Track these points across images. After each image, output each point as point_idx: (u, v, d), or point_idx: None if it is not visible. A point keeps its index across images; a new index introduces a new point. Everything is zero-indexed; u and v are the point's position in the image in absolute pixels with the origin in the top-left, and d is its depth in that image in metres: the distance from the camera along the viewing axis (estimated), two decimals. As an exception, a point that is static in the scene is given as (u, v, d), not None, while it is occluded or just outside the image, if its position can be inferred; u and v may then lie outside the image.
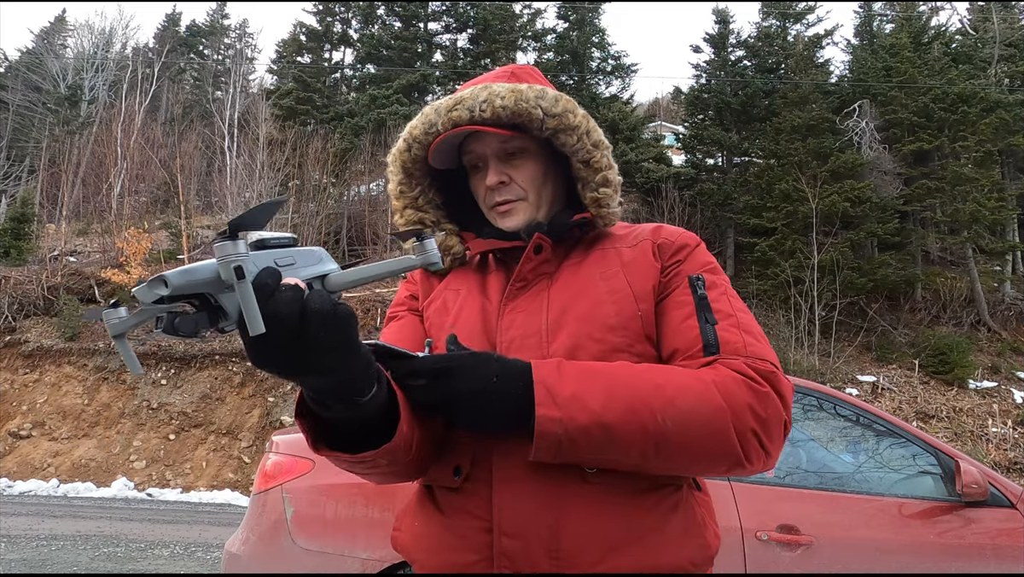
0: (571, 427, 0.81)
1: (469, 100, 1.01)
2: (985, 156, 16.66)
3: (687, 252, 1.03)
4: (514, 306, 0.99)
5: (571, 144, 1.02)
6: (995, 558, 2.60)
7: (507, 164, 1.05)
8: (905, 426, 3.02)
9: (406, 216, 1.11)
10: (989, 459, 12.18)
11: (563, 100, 1.02)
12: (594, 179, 1.04)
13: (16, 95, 28.33)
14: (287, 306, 0.62)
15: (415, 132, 1.06)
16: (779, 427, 0.86)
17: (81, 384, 13.73)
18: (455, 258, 1.10)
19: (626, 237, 1.07)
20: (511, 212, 1.05)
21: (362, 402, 0.76)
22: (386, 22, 24.51)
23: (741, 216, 18.40)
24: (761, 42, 21.56)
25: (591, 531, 0.85)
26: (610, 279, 0.99)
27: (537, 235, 1.01)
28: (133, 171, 22.03)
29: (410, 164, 1.09)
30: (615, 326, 0.94)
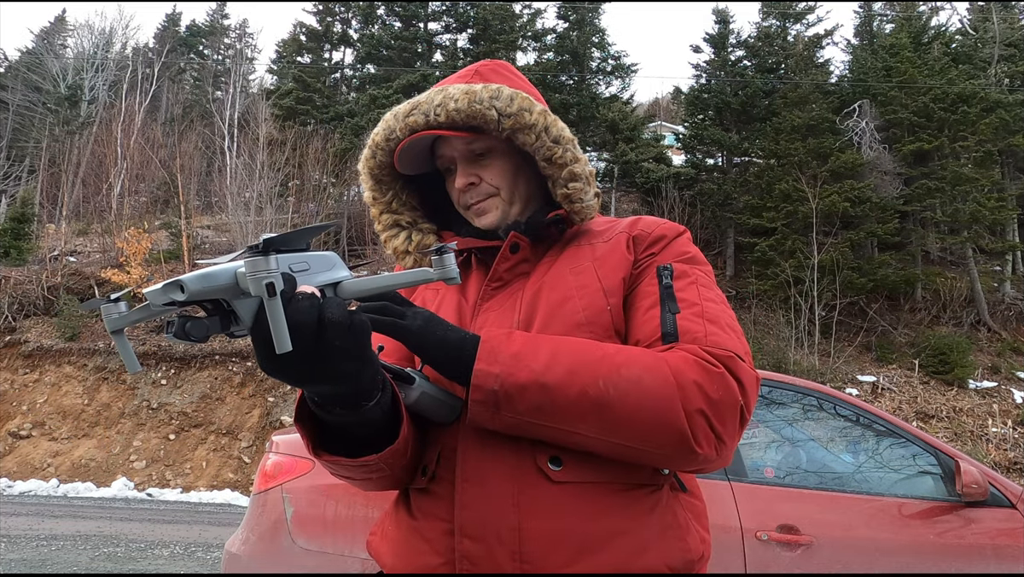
0: (508, 382, 0.80)
1: (425, 104, 1.01)
2: (985, 156, 16.66)
3: (663, 244, 1.00)
4: (488, 306, 0.99)
5: (530, 143, 1.01)
6: (995, 558, 2.60)
7: (476, 165, 1.04)
8: (905, 426, 3.02)
9: (383, 221, 1.12)
10: (989, 459, 12.18)
11: (519, 98, 1.00)
12: (560, 175, 1.02)
13: (16, 95, 28.33)
14: (304, 315, 0.62)
15: (377, 139, 1.06)
16: (733, 412, 0.83)
17: (81, 384, 13.73)
18: None
19: (604, 232, 1.05)
20: (485, 210, 1.05)
21: (368, 407, 0.76)
22: (386, 22, 24.50)
23: (741, 216, 18.40)
24: (761, 42, 21.56)
25: (557, 533, 0.83)
26: (580, 274, 0.97)
27: (513, 234, 1.01)
28: (133, 171, 22.03)
29: (377, 170, 1.09)
30: (583, 322, 0.92)
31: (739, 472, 2.69)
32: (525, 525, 0.83)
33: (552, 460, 0.85)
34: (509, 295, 0.99)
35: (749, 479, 2.70)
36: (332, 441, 0.82)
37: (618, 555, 0.83)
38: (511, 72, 1.13)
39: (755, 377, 0.88)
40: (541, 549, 0.82)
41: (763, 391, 3.10)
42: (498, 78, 1.08)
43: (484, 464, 0.86)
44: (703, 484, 2.89)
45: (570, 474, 0.85)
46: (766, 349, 15.10)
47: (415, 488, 0.93)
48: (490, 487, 0.85)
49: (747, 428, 2.83)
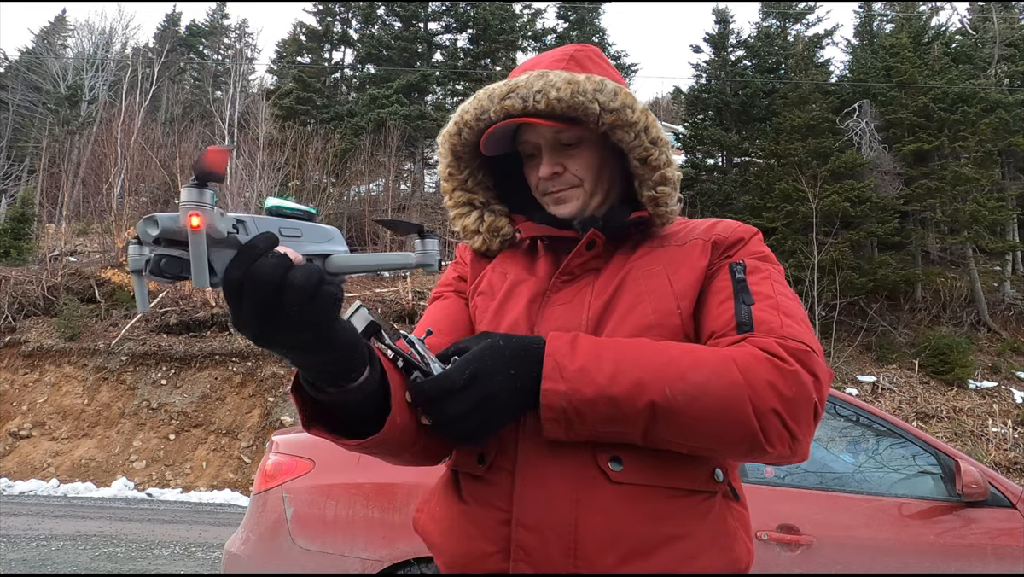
0: (576, 400, 0.80)
1: (523, 88, 0.97)
2: (985, 156, 16.66)
3: (740, 246, 0.99)
4: (557, 299, 0.98)
5: (628, 141, 0.99)
6: (995, 558, 2.60)
7: (562, 154, 1.02)
8: (905, 426, 3.02)
9: (455, 198, 1.10)
10: (989, 459, 12.18)
11: (622, 94, 0.98)
12: (651, 177, 1.00)
13: (16, 95, 28.33)
14: (266, 273, 0.60)
15: (466, 117, 1.03)
16: (807, 409, 0.81)
17: (81, 384, 13.72)
18: (504, 240, 1.09)
19: (676, 235, 1.03)
20: (564, 199, 1.02)
21: (350, 387, 0.74)
22: (386, 22, 24.51)
23: (741, 216, 18.39)
24: (761, 42, 21.56)
25: (613, 533, 0.83)
26: (651, 277, 0.96)
27: (592, 231, 0.99)
28: (133, 171, 22.02)
29: (459, 147, 1.06)
30: (652, 324, 0.91)
31: (739, 472, 2.69)
32: (582, 522, 0.83)
33: (613, 460, 0.85)
34: (578, 290, 0.98)
35: (749, 479, 2.70)
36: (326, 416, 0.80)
37: (669, 560, 0.84)
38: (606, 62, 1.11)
39: (829, 372, 0.86)
40: (595, 547, 0.83)
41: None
42: (596, 68, 1.05)
43: (544, 458, 0.86)
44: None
45: (629, 475, 0.85)
46: (766, 349, 15.10)
47: (467, 473, 0.92)
48: (550, 481, 0.85)
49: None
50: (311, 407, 0.79)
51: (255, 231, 0.64)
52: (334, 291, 0.64)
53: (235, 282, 0.61)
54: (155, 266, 0.60)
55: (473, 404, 0.78)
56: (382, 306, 14.91)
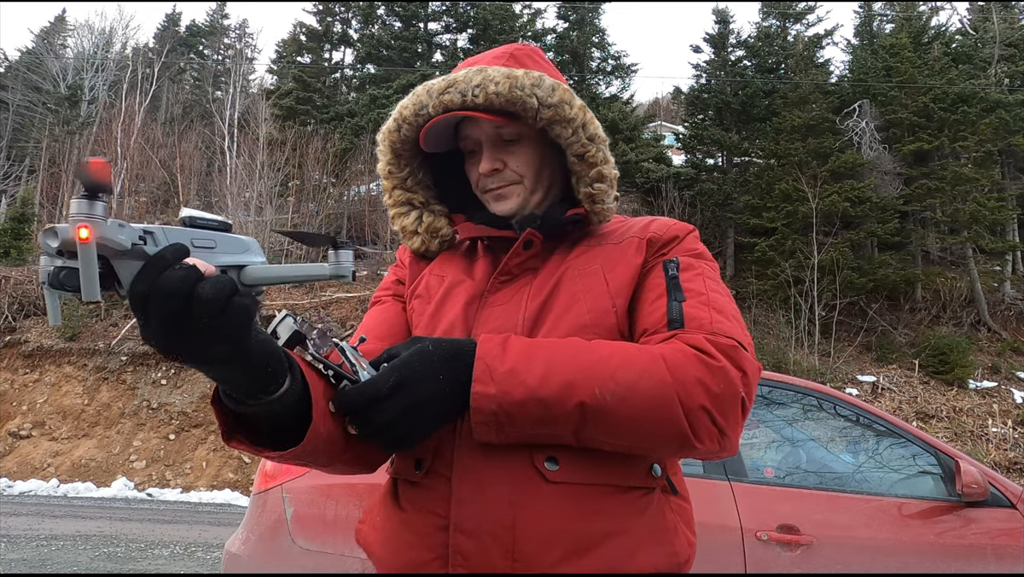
0: (505, 402, 0.79)
1: (462, 83, 0.98)
2: (985, 156, 16.67)
3: (675, 243, 1.00)
4: (494, 299, 0.97)
5: (566, 137, 0.99)
6: (995, 558, 2.60)
7: (502, 150, 1.02)
8: (905, 426, 3.02)
9: (394, 196, 1.09)
10: (989, 459, 12.18)
11: (560, 90, 0.99)
12: (588, 174, 1.01)
13: (16, 95, 28.33)
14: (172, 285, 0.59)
15: (405, 113, 1.03)
16: (735, 405, 0.82)
17: (81, 384, 13.73)
18: (443, 241, 1.08)
19: (613, 233, 1.03)
20: (505, 196, 1.02)
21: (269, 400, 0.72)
22: (386, 22, 24.50)
23: (741, 216, 18.41)
24: (761, 42, 21.56)
25: (551, 533, 0.83)
26: (587, 276, 0.96)
27: (529, 230, 0.98)
28: (133, 171, 22.02)
29: (399, 145, 1.06)
30: (588, 324, 0.91)
31: (739, 472, 2.69)
32: (520, 523, 0.83)
33: (549, 460, 0.84)
34: (516, 290, 0.98)
35: (749, 479, 2.70)
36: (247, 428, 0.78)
37: (609, 556, 0.83)
38: (546, 60, 1.12)
39: (757, 367, 0.87)
40: (534, 548, 0.82)
41: (763, 391, 3.10)
42: (535, 65, 1.06)
43: (480, 461, 0.85)
44: (702, 484, 2.88)
45: (566, 475, 0.84)
46: (766, 349, 15.09)
47: (406, 480, 0.92)
48: (486, 485, 0.85)
49: (747, 429, 2.83)
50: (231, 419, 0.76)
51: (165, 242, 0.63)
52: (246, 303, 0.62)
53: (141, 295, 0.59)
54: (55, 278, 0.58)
55: (399, 411, 0.77)
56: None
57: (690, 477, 2.79)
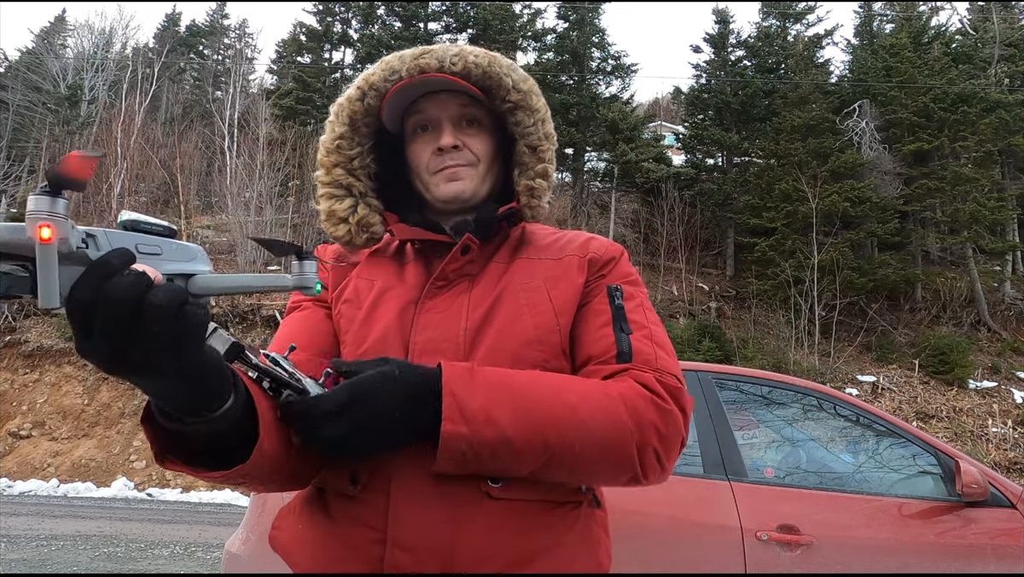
0: (476, 442, 0.79)
1: (439, 51, 0.97)
2: (985, 156, 16.67)
3: (612, 265, 1.01)
4: (432, 305, 0.94)
5: (526, 124, 1.00)
6: (995, 558, 2.60)
7: (462, 132, 1.00)
8: (905, 426, 3.02)
9: (333, 175, 1.03)
10: (989, 459, 12.19)
11: (531, 81, 1.00)
12: (535, 167, 1.01)
13: (16, 95, 28.32)
14: (123, 291, 0.54)
15: (373, 79, 0.99)
16: (677, 444, 0.87)
17: (81, 384, 13.73)
18: (371, 238, 1.03)
19: (551, 247, 1.03)
20: (459, 176, 0.99)
21: (214, 416, 0.68)
22: (386, 22, 24.50)
23: (741, 216, 18.41)
24: (761, 42, 21.57)
25: (489, 548, 0.83)
26: (531, 292, 0.95)
27: (468, 236, 0.96)
28: (133, 171, 22.02)
29: (359, 116, 1.01)
30: (533, 340, 0.91)
31: (739, 472, 2.69)
32: (459, 540, 0.82)
33: (493, 479, 0.85)
34: (453, 297, 0.95)
35: (749, 479, 2.70)
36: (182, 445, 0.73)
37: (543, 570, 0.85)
38: None
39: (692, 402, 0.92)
40: (472, 564, 0.82)
41: (763, 391, 3.10)
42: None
43: (421, 478, 0.84)
44: (702, 484, 2.87)
45: (508, 492, 0.85)
46: (766, 349, 15.10)
47: (338, 492, 0.89)
48: (428, 502, 0.84)
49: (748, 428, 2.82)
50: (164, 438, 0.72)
51: (108, 247, 0.59)
52: (199, 312, 0.59)
53: (85, 303, 0.54)
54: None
55: (353, 427, 0.75)
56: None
57: (690, 477, 2.79)
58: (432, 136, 1.00)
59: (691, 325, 15.84)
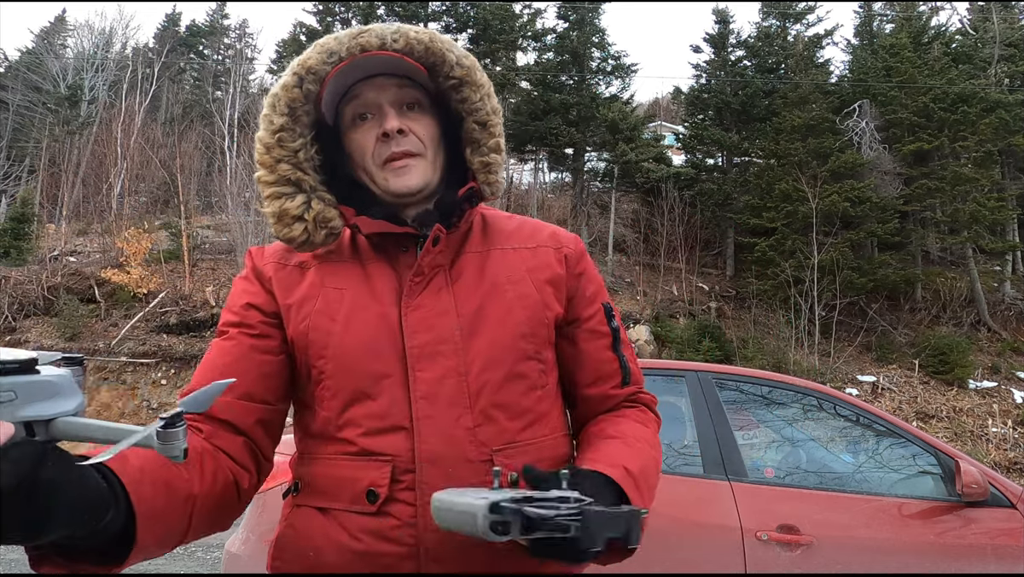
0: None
1: (378, 29, 0.94)
2: (985, 156, 16.67)
3: (585, 262, 1.04)
4: (417, 304, 0.91)
5: (473, 100, 0.97)
6: (995, 558, 2.59)
7: (404, 116, 0.95)
8: (905, 426, 3.02)
9: (279, 171, 0.95)
10: (989, 459, 12.19)
11: (471, 56, 0.99)
12: (488, 142, 0.98)
13: (16, 95, 28.33)
14: None
15: (310, 63, 0.93)
16: None
17: (81, 384, 13.73)
18: (330, 234, 0.95)
19: (518, 235, 1.02)
20: (408, 169, 0.94)
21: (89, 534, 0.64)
22: (386, 22, 24.52)
23: (741, 216, 18.41)
24: (761, 42, 21.56)
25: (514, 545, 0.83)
26: (517, 283, 0.96)
27: (437, 226, 0.93)
28: (133, 171, 22.03)
29: (298, 105, 0.94)
30: (526, 333, 0.93)
31: (739, 472, 2.69)
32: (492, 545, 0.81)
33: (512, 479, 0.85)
34: (436, 292, 0.92)
35: (749, 479, 2.70)
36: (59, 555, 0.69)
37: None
38: None
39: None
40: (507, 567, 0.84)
41: (763, 391, 3.10)
42: None
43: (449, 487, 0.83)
44: (702, 484, 2.87)
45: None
46: (766, 349, 15.10)
47: (350, 511, 0.87)
48: None
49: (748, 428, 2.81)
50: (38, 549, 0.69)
51: None
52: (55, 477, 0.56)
53: None
54: None
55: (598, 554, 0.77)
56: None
57: (690, 477, 2.79)
58: (373, 123, 0.95)
59: (691, 325, 15.84)
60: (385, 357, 0.89)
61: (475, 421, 0.88)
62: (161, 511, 0.73)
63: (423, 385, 0.88)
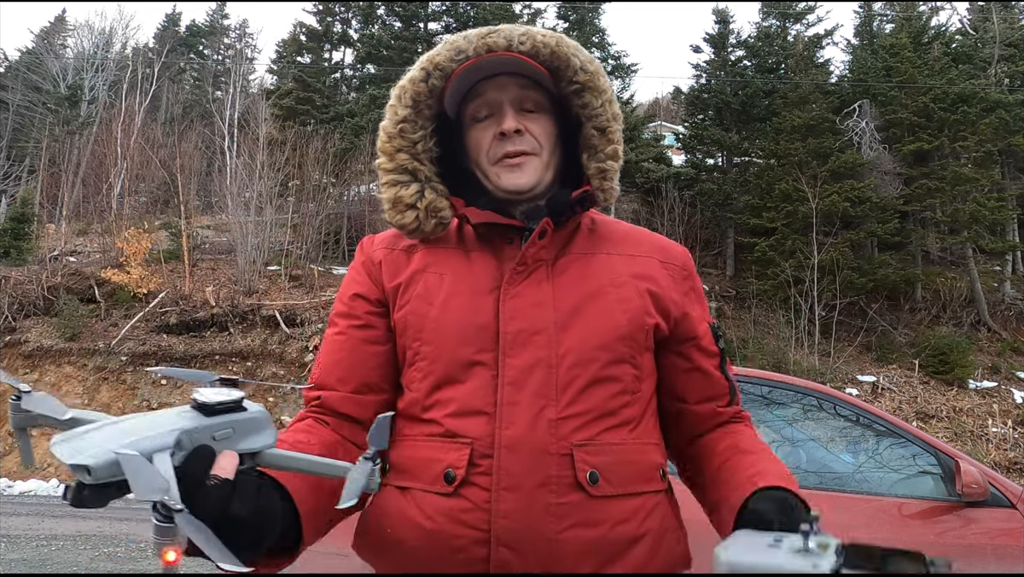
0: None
1: (507, 30, 0.97)
2: (985, 156, 16.67)
3: (692, 281, 1.05)
4: (516, 292, 0.93)
5: (594, 106, 0.98)
6: (995, 558, 2.59)
7: (524, 117, 0.98)
8: (905, 426, 3.01)
9: (397, 160, 1.00)
10: (989, 459, 12.18)
11: (596, 62, 1.00)
12: (606, 149, 0.99)
13: (16, 95, 28.33)
14: (208, 509, 0.61)
15: (438, 59, 0.97)
16: None
17: (81, 384, 13.73)
18: (440, 223, 0.99)
19: (625, 242, 1.03)
20: (521, 167, 0.97)
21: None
22: (386, 22, 24.49)
23: (741, 216, 18.40)
24: (761, 42, 21.56)
25: (589, 543, 0.85)
26: (620, 287, 0.96)
27: (546, 220, 0.95)
28: (133, 171, 22.02)
29: (423, 98, 0.99)
30: (624, 336, 0.93)
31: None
32: (561, 536, 0.84)
33: (591, 476, 0.86)
34: (536, 283, 0.94)
35: (749, 479, 2.70)
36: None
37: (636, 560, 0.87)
38: None
39: None
40: (573, 559, 0.84)
41: (763, 391, 3.10)
42: None
43: (525, 475, 0.85)
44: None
45: (604, 489, 0.87)
46: (766, 349, 15.10)
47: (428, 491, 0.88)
48: (530, 497, 0.85)
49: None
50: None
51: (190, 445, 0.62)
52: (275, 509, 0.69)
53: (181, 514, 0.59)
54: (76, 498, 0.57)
55: None
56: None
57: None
58: (492, 122, 0.98)
59: (691, 325, 15.81)
60: (478, 342, 0.91)
61: (559, 414, 0.88)
62: (318, 509, 0.82)
63: (511, 372, 0.89)
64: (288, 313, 14.81)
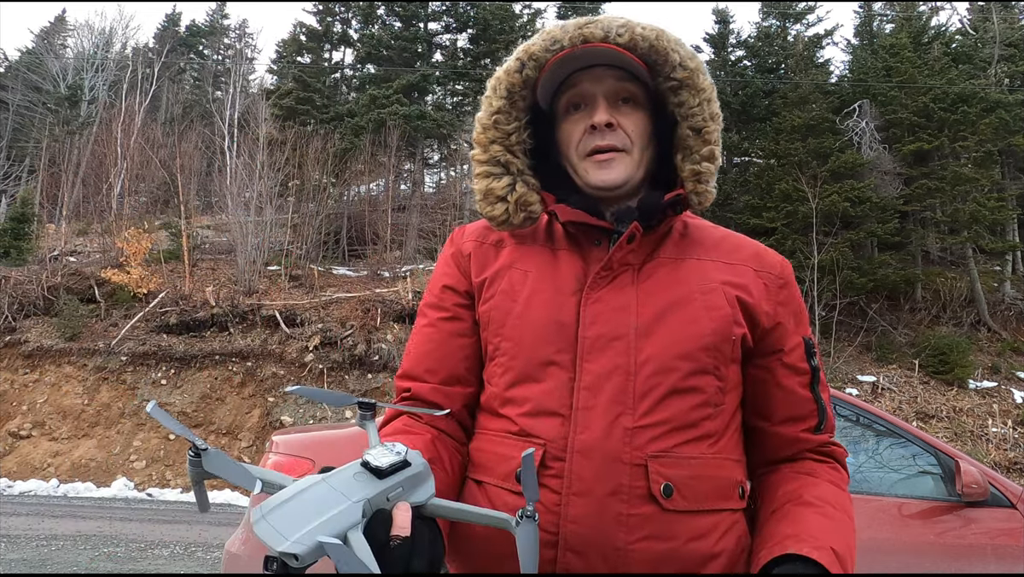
0: None
1: (604, 21, 0.94)
2: (985, 156, 16.66)
3: (788, 291, 0.99)
4: (598, 297, 0.91)
5: (691, 105, 0.95)
6: (995, 558, 2.59)
7: (617, 110, 0.95)
8: (905, 426, 3.01)
9: (491, 152, 0.98)
10: (989, 459, 12.18)
11: (698, 58, 0.97)
12: (701, 150, 0.96)
13: (16, 95, 28.32)
14: (394, 568, 0.66)
15: (533, 49, 0.95)
16: None
17: (81, 384, 13.72)
18: (528, 217, 0.98)
19: (718, 248, 0.99)
20: (611, 163, 0.94)
21: None
22: (386, 22, 24.47)
23: (741, 216, 18.39)
24: (761, 42, 21.57)
25: (659, 556, 0.83)
26: (708, 294, 0.92)
27: (635, 224, 0.92)
28: (133, 171, 22.00)
29: (517, 89, 0.97)
30: (709, 346, 0.89)
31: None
32: (631, 547, 0.83)
33: (665, 489, 0.84)
34: (619, 288, 0.92)
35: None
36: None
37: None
38: None
39: None
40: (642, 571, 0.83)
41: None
42: None
43: (597, 481, 0.84)
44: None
45: (678, 503, 0.85)
46: (766, 349, 15.07)
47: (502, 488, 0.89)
48: (601, 505, 0.84)
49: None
50: None
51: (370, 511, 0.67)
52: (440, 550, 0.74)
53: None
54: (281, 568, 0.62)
55: None
56: (381, 306, 14.89)
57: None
58: (585, 114, 0.96)
59: (691, 325, 15.82)
60: (557, 343, 0.90)
61: (636, 423, 0.86)
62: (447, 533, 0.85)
63: (588, 376, 0.88)
64: (288, 313, 14.80)
